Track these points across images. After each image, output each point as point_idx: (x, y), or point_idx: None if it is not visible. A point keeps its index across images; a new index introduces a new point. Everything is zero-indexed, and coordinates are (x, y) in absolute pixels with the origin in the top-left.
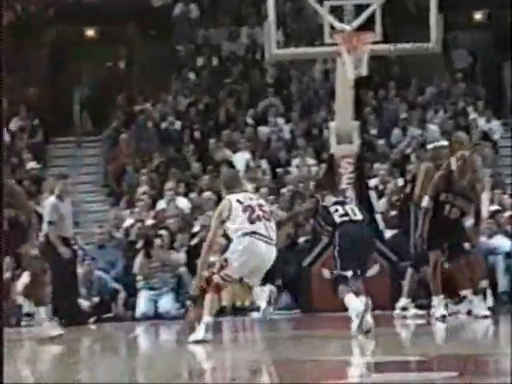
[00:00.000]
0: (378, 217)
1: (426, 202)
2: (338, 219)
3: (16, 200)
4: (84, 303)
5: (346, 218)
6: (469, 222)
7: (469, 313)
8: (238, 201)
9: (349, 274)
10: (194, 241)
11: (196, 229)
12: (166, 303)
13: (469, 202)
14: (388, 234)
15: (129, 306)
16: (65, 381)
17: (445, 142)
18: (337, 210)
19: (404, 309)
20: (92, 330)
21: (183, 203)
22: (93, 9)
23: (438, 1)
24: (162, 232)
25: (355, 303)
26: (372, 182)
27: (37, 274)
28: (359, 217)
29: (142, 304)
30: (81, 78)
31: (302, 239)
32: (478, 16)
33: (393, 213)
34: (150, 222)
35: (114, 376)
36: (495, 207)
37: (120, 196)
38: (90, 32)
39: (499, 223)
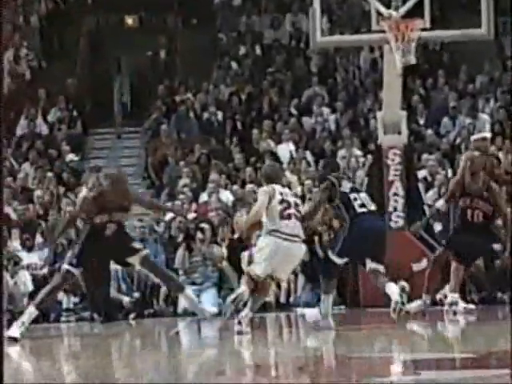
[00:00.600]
0: (427, 209)
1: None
2: (358, 209)
3: (133, 201)
4: (124, 299)
5: (364, 210)
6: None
7: None
8: (281, 193)
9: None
10: (237, 234)
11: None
12: (208, 299)
13: (489, 203)
14: (438, 227)
15: (170, 302)
16: (106, 377)
17: (487, 134)
18: (356, 199)
19: (453, 304)
20: (133, 326)
21: (225, 196)
22: None
23: None
24: (204, 225)
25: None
26: (420, 174)
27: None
28: (373, 207)
29: (184, 299)
30: (120, 68)
31: None
32: None
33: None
34: (191, 215)
35: (155, 373)
36: None
37: (161, 189)
38: (130, 21)
39: None
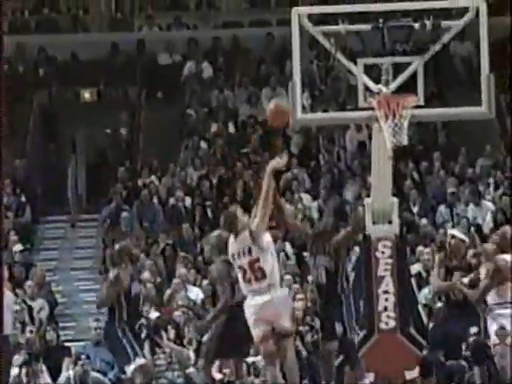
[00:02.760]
0: (421, 309)
1: None
2: None
3: None
4: None
5: None
6: None
7: None
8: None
9: None
10: (206, 336)
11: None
12: None
13: None
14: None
15: None
16: None
17: (461, 235)
18: None
19: None
20: None
21: (194, 293)
22: (90, 68)
23: (490, 58)
24: (168, 326)
25: None
26: (414, 269)
27: None
28: None
29: None
30: (75, 147)
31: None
32: None
33: (439, 304)
34: (154, 314)
35: None
36: None
37: None
38: (87, 95)
39: None
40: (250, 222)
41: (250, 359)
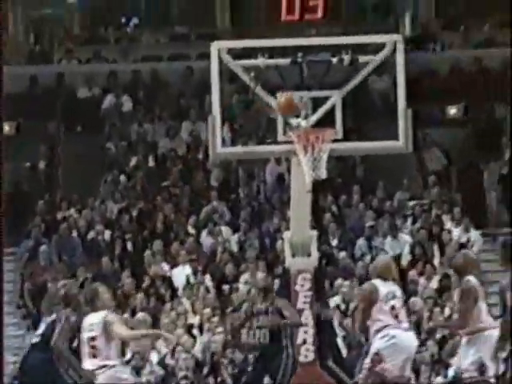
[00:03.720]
0: (340, 342)
1: None
2: None
3: None
4: None
5: None
6: None
7: None
8: None
9: None
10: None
11: (127, 357)
12: None
13: None
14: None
15: None
16: None
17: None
18: None
19: None
20: None
21: None
22: (9, 101)
23: (406, 93)
24: None
25: None
26: (333, 301)
27: None
28: None
29: None
30: None
31: None
32: (452, 111)
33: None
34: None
35: None
36: None
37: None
38: (6, 127)
39: None
40: (111, 302)
41: None
